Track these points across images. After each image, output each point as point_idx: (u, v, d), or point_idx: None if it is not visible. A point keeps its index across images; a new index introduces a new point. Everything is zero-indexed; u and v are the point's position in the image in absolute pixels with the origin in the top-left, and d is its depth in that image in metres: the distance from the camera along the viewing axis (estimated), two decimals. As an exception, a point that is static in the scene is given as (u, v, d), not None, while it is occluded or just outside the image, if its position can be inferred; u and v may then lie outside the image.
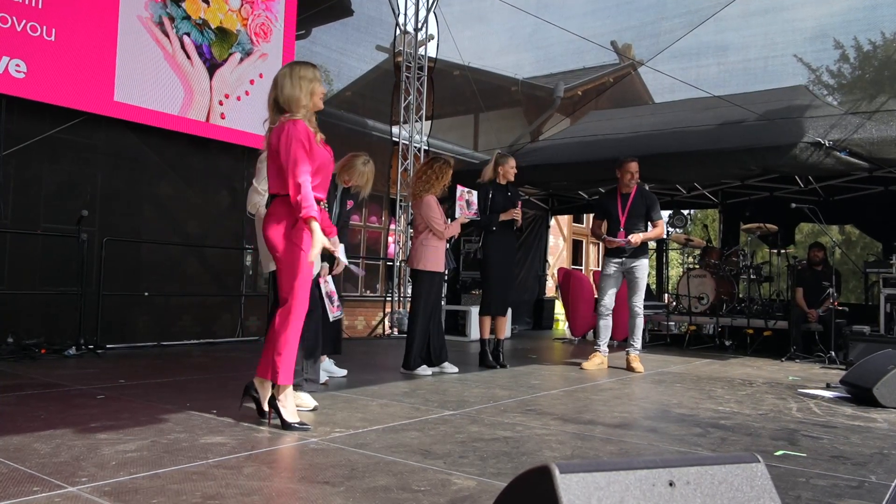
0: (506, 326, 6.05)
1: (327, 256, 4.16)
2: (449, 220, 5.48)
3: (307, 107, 3.18)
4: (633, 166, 5.95)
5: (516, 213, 5.70)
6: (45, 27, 6.01)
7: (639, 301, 5.92)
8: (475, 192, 5.63)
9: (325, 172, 3.24)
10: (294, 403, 3.23)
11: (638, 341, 5.98)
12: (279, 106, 3.19)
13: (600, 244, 18.90)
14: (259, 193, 3.88)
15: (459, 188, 5.54)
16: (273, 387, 3.18)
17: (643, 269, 5.92)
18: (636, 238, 5.76)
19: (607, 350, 6.13)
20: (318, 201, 3.15)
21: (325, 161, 3.20)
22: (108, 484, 2.23)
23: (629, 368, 5.85)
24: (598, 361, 6.01)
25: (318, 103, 3.24)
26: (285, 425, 3.11)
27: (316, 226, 3.04)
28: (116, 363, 5.42)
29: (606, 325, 6.09)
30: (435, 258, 5.33)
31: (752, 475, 1.46)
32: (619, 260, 5.94)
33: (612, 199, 6.05)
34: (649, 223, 5.97)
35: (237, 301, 7.87)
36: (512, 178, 5.85)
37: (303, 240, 3.09)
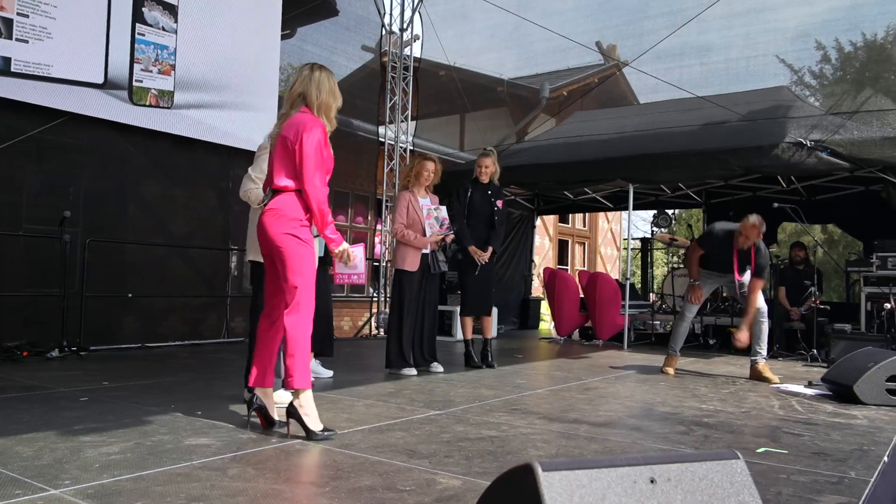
0: (492, 326, 6.01)
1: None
2: (431, 223, 5.38)
3: (331, 120, 3.17)
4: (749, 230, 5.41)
5: (481, 257, 5.63)
6: (30, 26, 5.97)
7: (761, 304, 5.56)
8: (443, 209, 5.42)
9: (329, 171, 3.18)
10: (316, 409, 3.05)
11: (764, 347, 5.60)
12: (305, 101, 3.11)
13: (586, 244, 19.01)
14: (252, 181, 3.79)
15: (426, 207, 5.32)
16: (289, 392, 3.07)
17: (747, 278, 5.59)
18: (743, 335, 5.45)
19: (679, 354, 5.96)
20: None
21: (331, 163, 3.17)
22: (92, 486, 2.22)
23: (761, 378, 5.42)
24: (676, 364, 5.87)
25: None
26: (309, 435, 2.93)
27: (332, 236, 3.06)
28: (100, 365, 5.38)
29: (684, 331, 5.89)
30: (402, 257, 5.28)
31: (732, 472, 1.48)
32: (726, 277, 5.65)
33: (727, 248, 5.55)
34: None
35: (223, 302, 7.84)
36: (485, 177, 5.74)
37: (308, 236, 3.05)
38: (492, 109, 12.79)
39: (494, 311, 6.15)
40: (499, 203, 5.76)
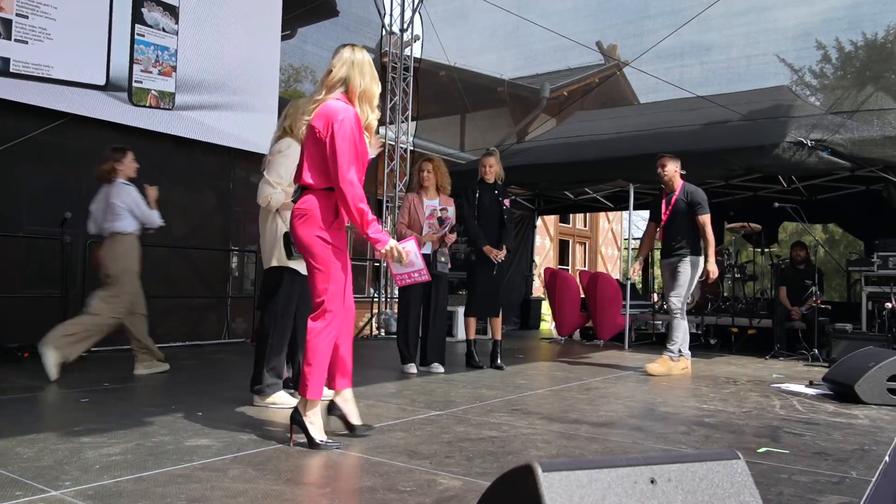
0: (499, 327, 6.00)
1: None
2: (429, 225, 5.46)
3: (374, 109, 2.95)
4: (661, 161, 5.88)
5: (497, 256, 5.66)
6: (29, 27, 5.97)
7: (673, 297, 5.68)
8: (450, 209, 5.51)
9: (364, 164, 2.96)
10: (322, 420, 2.93)
11: (674, 344, 5.66)
12: (345, 87, 2.89)
13: (587, 244, 19.01)
14: (271, 185, 3.71)
15: (430, 208, 5.43)
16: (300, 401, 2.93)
17: (684, 264, 5.68)
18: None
19: (689, 353, 5.86)
20: None
21: (366, 156, 2.96)
22: (92, 487, 2.22)
23: (646, 370, 5.63)
24: (682, 366, 5.72)
25: None
26: (312, 444, 2.83)
27: (384, 239, 2.88)
28: (101, 366, 5.39)
29: (676, 326, 5.80)
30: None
31: (733, 472, 1.48)
32: (668, 260, 5.81)
33: (659, 200, 5.89)
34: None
35: (223, 303, 7.83)
36: (490, 177, 5.77)
37: (339, 239, 2.90)
38: (492, 110, 12.81)
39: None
40: (506, 202, 5.80)
